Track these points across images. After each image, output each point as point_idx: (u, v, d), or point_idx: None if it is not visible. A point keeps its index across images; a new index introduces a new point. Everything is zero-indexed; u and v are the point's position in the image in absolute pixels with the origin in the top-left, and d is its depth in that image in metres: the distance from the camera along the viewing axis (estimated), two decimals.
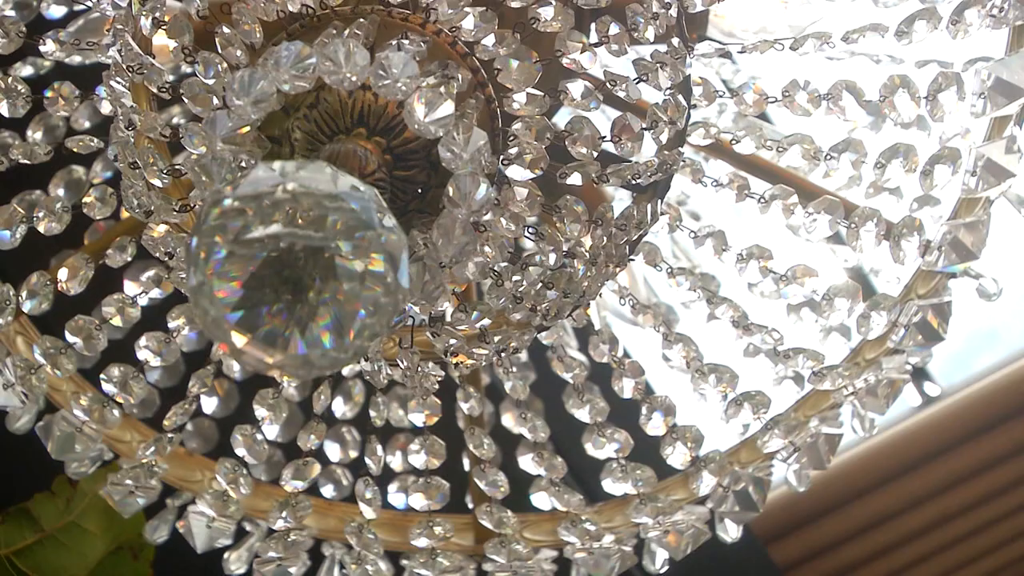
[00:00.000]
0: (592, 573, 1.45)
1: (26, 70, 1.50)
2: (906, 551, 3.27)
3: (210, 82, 0.96)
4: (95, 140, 1.32)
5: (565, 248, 1.07)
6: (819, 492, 3.09)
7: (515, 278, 1.05)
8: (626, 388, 1.33)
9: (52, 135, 1.46)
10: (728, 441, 1.44)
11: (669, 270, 1.32)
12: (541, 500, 1.49)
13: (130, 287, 1.39)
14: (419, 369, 1.11)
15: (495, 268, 1.04)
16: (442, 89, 0.88)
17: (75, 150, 1.31)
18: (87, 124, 1.51)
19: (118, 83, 1.05)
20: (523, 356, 1.72)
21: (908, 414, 3.38)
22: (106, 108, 1.19)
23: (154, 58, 1.08)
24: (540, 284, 1.07)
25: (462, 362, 1.11)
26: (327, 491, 1.59)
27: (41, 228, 1.28)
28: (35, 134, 1.44)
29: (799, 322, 1.38)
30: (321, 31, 0.97)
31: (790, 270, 1.27)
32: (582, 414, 1.38)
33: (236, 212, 0.76)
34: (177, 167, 1.00)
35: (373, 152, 0.95)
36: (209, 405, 1.59)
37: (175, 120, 1.56)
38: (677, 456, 1.33)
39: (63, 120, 1.46)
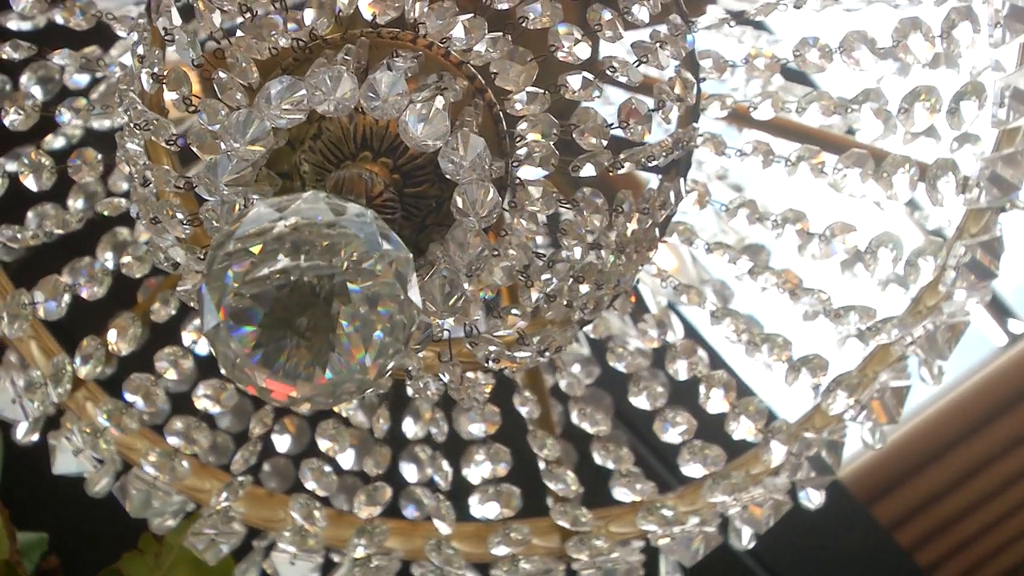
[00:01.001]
0: (678, 558, 1.44)
1: (58, 141, 1.52)
2: (1010, 494, 3.21)
3: (214, 128, 0.97)
4: (124, 201, 1.34)
5: (590, 240, 1.06)
6: (913, 447, 3.05)
7: (544, 276, 1.05)
8: (680, 370, 1.33)
9: (93, 200, 1.48)
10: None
11: (707, 247, 1.31)
12: (621, 492, 1.48)
13: (186, 337, 1.41)
14: (464, 380, 1.11)
15: (522, 270, 1.05)
16: (434, 101, 0.88)
17: (105, 213, 1.33)
18: (126, 186, 1.53)
19: (130, 141, 1.07)
20: (585, 351, 1.72)
21: (996, 355, 3.31)
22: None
23: (165, 113, 1.10)
24: (571, 279, 1.06)
25: (507, 367, 1.11)
26: (409, 512, 1.59)
27: (85, 295, 1.30)
28: (75, 202, 1.46)
29: (854, 278, 1.36)
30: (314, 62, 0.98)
31: (827, 229, 1.26)
32: (640, 402, 1.37)
33: (241, 253, 0.77)
34: (196, 216, 1.01)
35: (379, 174, 0.96)
36: (283, 443, 1.60)
37: None
38: (742, 430, 1.32)
39: (101, 185, 1.49)
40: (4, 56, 1.26)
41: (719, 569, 1.65)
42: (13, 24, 1.47)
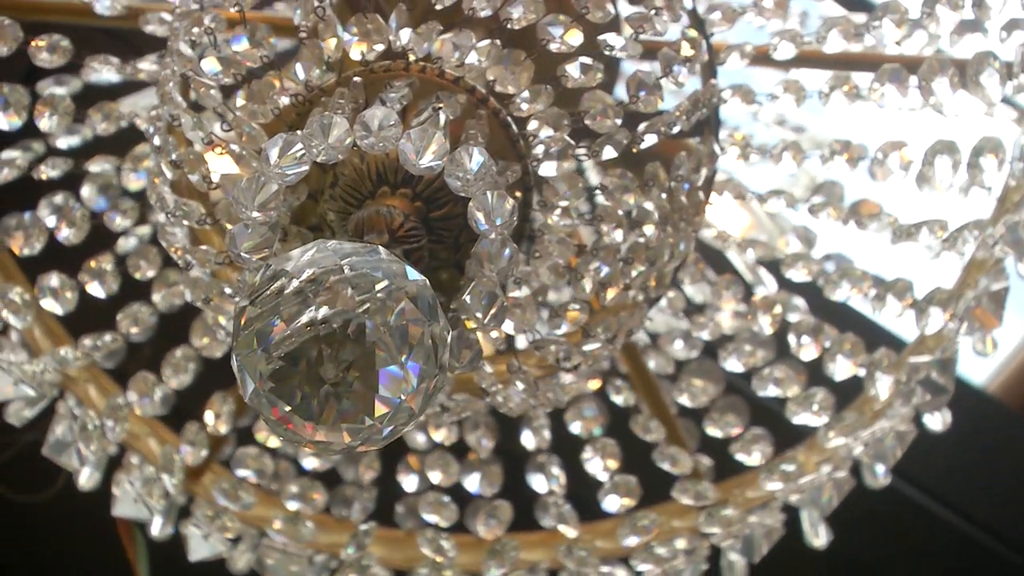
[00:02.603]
0: (813, 510, 1.42)
1: (130, 242, 1.55)
2: None
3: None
4: None
5: (629, 220, 1.05)
6: None
7: (593, 266, 1.05)
8: (764, 325, 1.31)
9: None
10: None
11: (759, 196, 1.29)
12: (744, 458, 1.47)
13: None
14: (538, 387, 1.10)
15: (568, 265, 1.04)
16: (428, 125, 0.88)
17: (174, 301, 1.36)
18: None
19: (170, 230, 1.09)
20: (684, 324, 1.70)
21: None
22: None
23: (206, 196, 1.12)
24: (621, 263, 1.06)
25: (582, 364, 1.11)
26: (547, 522, 1.58)
27: (173, 384, 1.33)
28: (157, 295, 1.49)
29: (933, 191, 1.33)
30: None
31: (878, 150, 1.23)
32: (733, 365, 1.36)
33: (264, 315, 0.77)
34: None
35: (398, 207, 0.95)
36: (410, 483, 1.61)
37: None
38: (842, 369, 1.29)
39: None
40: (44, 176, 1.30)
41: (879, 500, 1.62)
42: (63, 142, 1.51)
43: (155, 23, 1.23)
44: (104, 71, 1.32)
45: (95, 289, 1.32)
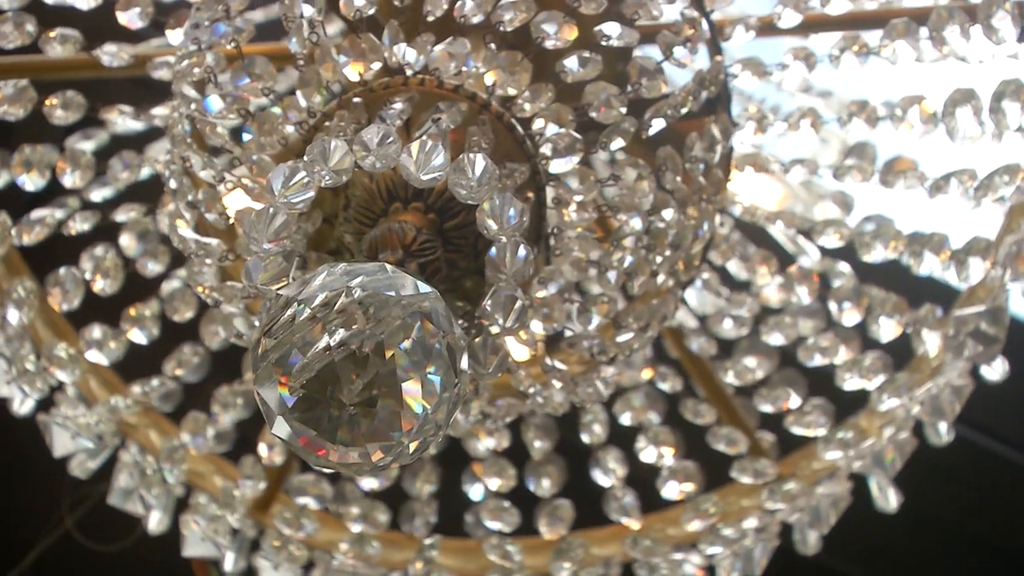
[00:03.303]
0: (879, 474, 1.41)
1: (174, 283, 1.56)
2: None
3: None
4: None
5: (646, 207, 1.05)
6: None
7: (616, 258, 1.04)
8: (802, 295, 1.30)
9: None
10: None
11: (782, 165, 1.28)
12: (802, 430, 1.45)
13: None
14: (576, 383, 1.10)
15: (590, 259, 1.04)
16: (427, 137, 0.88)
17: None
18: None
19: (196, 271, 1.10)
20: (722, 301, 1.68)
21: None
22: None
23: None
24: (644, 251, 1.05)
25: (618, 355, 1.10)
26: (614, 515, 1.57)
27: (224, 420, 1.34)
28: (203, 332, 1.50)
29: (968, 142, 1.31)
30: None
31: (896, 107, 1.21)
32: (775, 339, 1.35)
33: (278, 347, 0.78)
34: None
35: (410, 221, 0.95)
36: (476, 492, 1.61)
37: None
38: (887, 330, 1.28)
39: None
40: (73, 231, 1.31)
41: (958, 453, 1.60)
42: (96, 194, 1.52)
43: (162, 68, 1.24)
44: (120, 121, 1.33)
45: (136, 336, 1.33)
